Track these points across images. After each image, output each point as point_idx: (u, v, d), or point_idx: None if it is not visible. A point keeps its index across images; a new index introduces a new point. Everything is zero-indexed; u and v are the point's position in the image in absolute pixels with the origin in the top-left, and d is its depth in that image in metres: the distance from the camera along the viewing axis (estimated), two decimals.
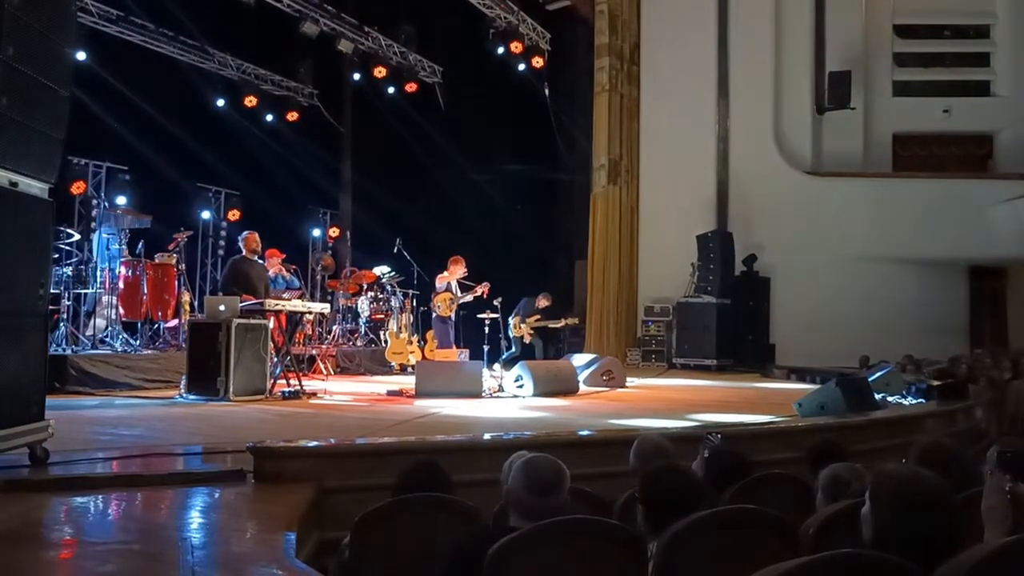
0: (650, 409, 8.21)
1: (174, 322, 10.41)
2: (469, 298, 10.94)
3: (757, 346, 15.14)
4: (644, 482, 2.91)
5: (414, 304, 12.44)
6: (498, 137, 15.64)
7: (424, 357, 10.93)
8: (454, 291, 10.90)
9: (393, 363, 11.57)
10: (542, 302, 12.39)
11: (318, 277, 14.73)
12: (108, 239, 10.28)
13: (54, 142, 4.35)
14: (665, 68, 16.02)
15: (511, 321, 12.04)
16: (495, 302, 10.32)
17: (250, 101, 15.00)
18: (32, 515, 3.56)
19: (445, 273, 11.13)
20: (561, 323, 12.44)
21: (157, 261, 10.16)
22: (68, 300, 9.49)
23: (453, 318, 11.20)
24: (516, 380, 9.25)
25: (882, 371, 9.47)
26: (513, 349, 11.97)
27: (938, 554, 2.01)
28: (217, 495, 4.05)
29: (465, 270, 11.04)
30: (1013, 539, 2.08)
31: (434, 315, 11.02)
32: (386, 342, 11.73)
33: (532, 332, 12.11)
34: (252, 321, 8.08)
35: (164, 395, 8.26)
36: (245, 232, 9.56)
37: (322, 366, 11.19)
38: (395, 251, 11.61)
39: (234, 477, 4.30)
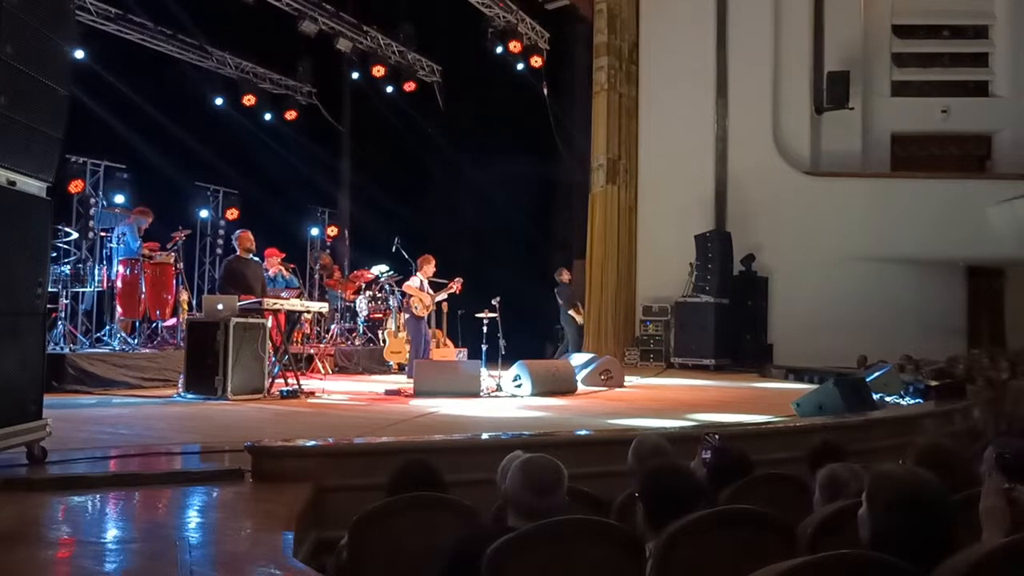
0: (648, 409, 8.22)
1: (172, 321, 10.41)
2: (443, 296, 10.87)
3: (755, 346, 15.16)
4: (645, 481, 2.91)
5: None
6: (497, 136, 15.61)
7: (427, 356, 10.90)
8: (426, 290, 10.80)
9: (391, 362, 11.57)
10: (566, 276, 12.79)
11: (316, 276, 14.73)
12: (120, 236, 10.28)
13: (53, 141, 4.34)
14: (664, 68, 16.02)
15: (571, 314, 12.64)
16: (493, 301, 10.29)
17: (249, 100, 14.99)
18: (30, 514, 3.56)
19: (413, 278, 10.96)
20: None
21: (155, 260, 10.16)
22: (66, 299, 9.49)
23: (426, 317, 11.07)
24: (514, 380, 9.25)
25: (880, 371, 9.47)
26: (570, 345, 12.61)
27: (936, 555, 2.01)
28: (215, 494, 4.05)
29: (434, 268, 10.93)
30: (1011, 540, 2.08)
31: (407, 315, 10.93)
32: (384, 341, 11.73)
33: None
34: (250, 320, 8.08)
35: (162, 394, 8.27)
36: (238, 231, 9.56)
37: (320, 365, 11.19)
38: (393, 250, 11.60)
39: (232, 476, 4.30)
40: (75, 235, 10.02)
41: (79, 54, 10.55)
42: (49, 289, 5.04)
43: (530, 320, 12.74)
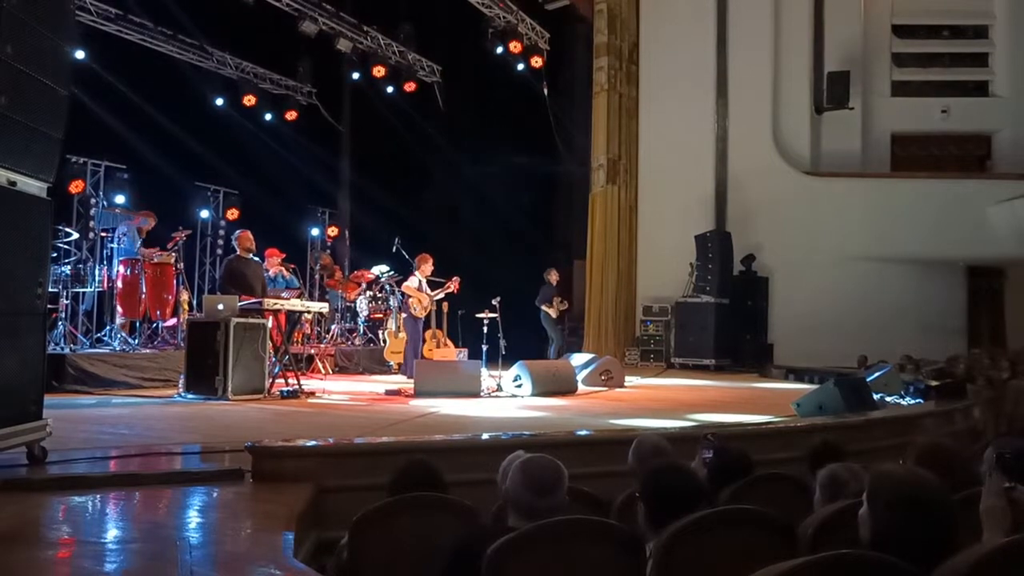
0: (649, 409, 8.22)
1: (172, 321, 10.40)
2: (440, 295, 10.87)
3: (755, 346, 15.16)
4: (646, 480, 2.91)
5: None
6: (497, 137, 15.64)
7: (422, 356, 10.91)
8: (425, 290, 10.80)
9: (391, 362, 11.56)
10: (553, 277, 12.86)
11: (316, 276, 14.74)
12: (120, 237, 10.28)
13: (53, 141, 4.34)
14: (664, 68, 16.02)
15: (547, 309, 12.70)
16: (493, 301, 10.30)
17: (249, 100, 14.99)
18: (30, 514, 3.56)
19: (412, 277, 10.98)
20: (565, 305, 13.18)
21: (156, 260, 10.16)
22: (66, 299, 9.49)
23: (423, 317, 11.05)
24: (515, 380, 9.25)
25: (880, 371, 9.48)
26: (552, 342, 12.71)
27: (936, 555, 2.01)
28: (215, 494, 4.05)
29: (432, 267, 10.94)
30: (1011, 540, 2.08)
31: (404, 315, 10.94)
32: (385, 341, 11.72)
33: (561, 310, 12.96)
34: (250, 320, 8.08)
35: (162, 394, 8.27)
36: (238, 231, 9.55)
37: (320, 365, 11.19)
38: (394, 250, 11.60)
39: (232, 476, 4.30)
40: (75, 235, 10.02)
41: (79, 54, 10.55)
42: (49, 289, 5.04)
43: (531, 320, 12.73)
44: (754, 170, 15.62)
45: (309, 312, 10.22)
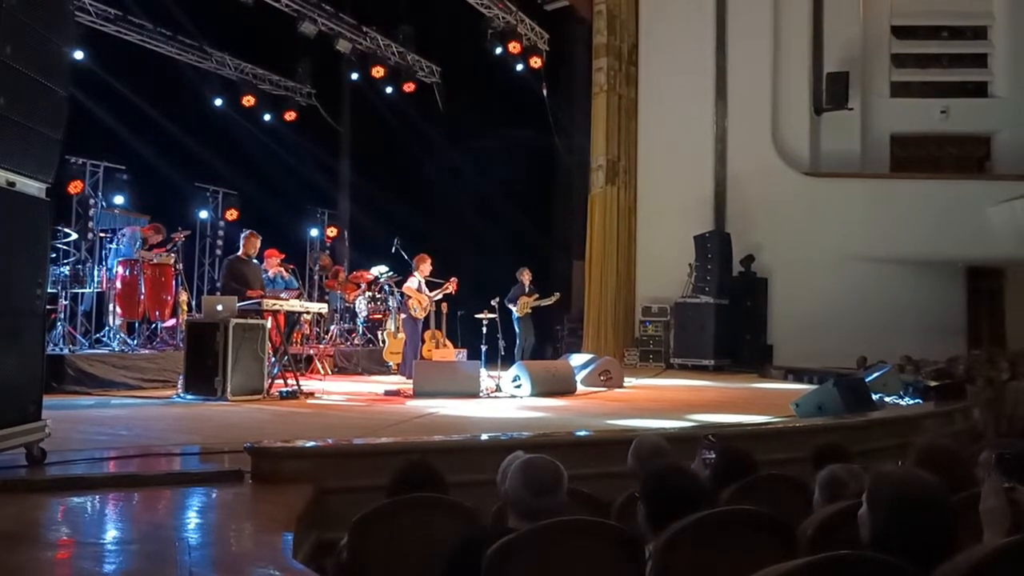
0: (648, 409, 8.22)
1: (172, 322, 10.40)
2: (439, 295, 10.86)
3: (755, 346, 15.16)
4: (647, 481, 2.91)
5: None
6: (496, 137, 15.65)
7: (421, 357, 10.90)
8: (424, 291, 10.79)
9: (391, 363, 11.56)
10: (526, 276, 12.46)
11: (316, 277, 14.74)
12: (120, 238, 10.28)
13: (52, 142, 4.34)
14: (663, 68, 16.03)
15: (515, 307, 12.18)
16: (493, 302, 10.29)
17: (248, 101, 15.00)
18: (29, 515, 3.55)
19: (411, 278, 10.95)
20: (552, 299, 12.50)
21: (155, 261, 10.16)
22: (65, 300, 9.49)
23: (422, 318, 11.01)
24: (514, 380, 9.25)
25: (880, 371, 9.48)
26: (518, 341, 12.27)
27: (936, 556, 2.01)
28: (215, 495, 4.04)
29: (431, 267, 10.91)
30: (1011, 540, 2.08)
31: (404, 316, 10.93)
32: (384, 342, 11.72)
33: (530, 309, 12.35)
34: (250, 321, 8.08)
35: (162, 395, 8.26)
36: (248, 232, 9.57)
37: (320, 366, 11.19)
38: (393, 251, 11.60)
39: (232, 477, 4.29)
40: (74, 236, 10.02)
41: (79, 55, 10.55)
42: (48, 290, 5.04)
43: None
44: (753, 170, 15.63)
45: (308, 313, 10.22)
